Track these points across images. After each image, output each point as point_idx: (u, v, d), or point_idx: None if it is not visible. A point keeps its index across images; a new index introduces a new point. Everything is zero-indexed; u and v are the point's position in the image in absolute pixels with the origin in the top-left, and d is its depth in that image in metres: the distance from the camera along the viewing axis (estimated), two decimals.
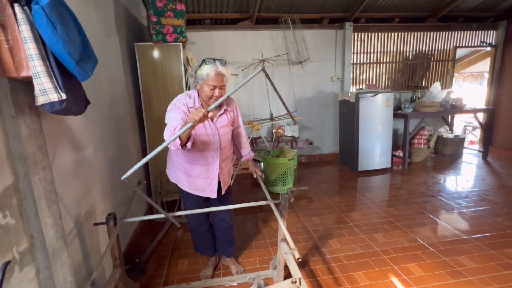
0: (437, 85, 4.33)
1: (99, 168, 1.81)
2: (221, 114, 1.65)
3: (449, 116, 5.02)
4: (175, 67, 2.69)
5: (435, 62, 4.94)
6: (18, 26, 0.92)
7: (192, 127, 1.23)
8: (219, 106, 1.65)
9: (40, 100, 0.97)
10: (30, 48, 0.93)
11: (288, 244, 1.39)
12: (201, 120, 1.21)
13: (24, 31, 0.92)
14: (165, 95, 2.71)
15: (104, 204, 1.84)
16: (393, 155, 4.32)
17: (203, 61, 1.53)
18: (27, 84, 1.06)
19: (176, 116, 1.48)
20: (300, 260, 1.21)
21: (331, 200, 3.13)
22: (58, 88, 1.00)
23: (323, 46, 4.40)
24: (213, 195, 1.70)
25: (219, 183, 1.73)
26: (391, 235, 2.37)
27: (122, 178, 1.05)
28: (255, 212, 2.89)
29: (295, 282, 1.27)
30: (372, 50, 4.70)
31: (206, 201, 1.84)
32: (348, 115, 4.16)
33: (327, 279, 1.86)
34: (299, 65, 4.32)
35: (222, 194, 1.80)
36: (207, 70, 1.49)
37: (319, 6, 4.06)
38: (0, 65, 0.94)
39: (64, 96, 1.00)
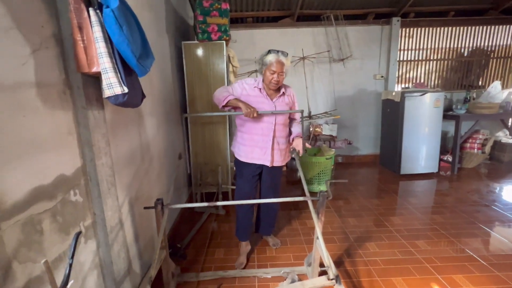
0: (496, 84, 3.93)
1: (149, 158, 1.97)
2: (280, 96, 1.93)
3: (510, 119, 4.52)
4: (218, 64, 2.79)
5: (495, 59, 4.48)
6: (91, 27, 1.04)
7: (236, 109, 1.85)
8: (278, 89, 1.93)
9: (107, 93, 1.09)
10: (100, 47, 1.05)
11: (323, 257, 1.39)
12: (248, 114, 1.75)
13: (96, 32, 1.04)
14: (207, 92, 2.83)
15: (152, 190, 1.99)
16: (440, 160, 4.02)
17: (269, 51, 1.84)
18: (95, 79, 1.20)
19: (236, 87, 1.92)
20: (332, 279, 1.23)
21: (369, 203, 3.03)
22: (122, 83, 1.11)
23: (367, 43, 4.23)
24: (268, 163, 1.96)
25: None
26: (435, 243, 2.23)
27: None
28: (289, 210, 2.90)
29: (332, 279, 1.27)
30: (421, 47, 4.40)
31: (257, 181, 2.09)
32: (392, 115, 3.95)
33: (363, 282, 1.82)
34: (341, 63, 4.20)
35: (277, 172, 2.07)
36: (270, 58, 1.80)
37: (364, 1, 3.91)
38: (76, 62, 1.07)
39: (126, 90, 1.11)
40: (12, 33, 0.86)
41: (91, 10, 1.04)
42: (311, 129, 4.26)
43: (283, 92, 1.93)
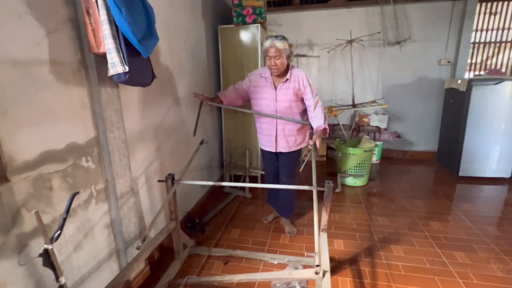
0: None
1: (175, 137, 2.11)
2: (283, 82, 1.90)
3: None
4: (252, 48, 2.78)
5: None
6: (98, 11, 1.15)
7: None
8: (284, 74, 1.90)
9: (111, 71, 1.20)
10: (105, 29, 1.15)
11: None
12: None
13: (102, 15, 1.14)
14: (241, 76, 2.85)
15: (177, 167, 2.14)
16: None
17: (266, 38, 1.83)
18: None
19: (246, 80, 2.03)
20: (318, 267, 1.17)
21: (410, 203, 2.71)
22: (124, 62, 1.20)
23: (432, 22, 3.65)
24: (273, 149, 2.04)
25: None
26: (478, 257, 1.90)
27: None
28: (320, 202, 2.78)
29: (318, 273, 1.21)
30: (505, 26, 3.62)
31: (276, 160, 2.16)
32: (455, 107, 3.40)
33: (376, 285, 1.67)
34: (396, 46, 3.74)
35: (288, 158, 2.06)
36: (266, 44, 1.83)
37: None
38: (87, 43, 1.20)
39: (127, 69, 1.20)
40: (26, 17, 1.00)
41: None
42: (357, 119, 3.96)
43: (287, 79, 1.88)
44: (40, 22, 1.05)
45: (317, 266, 1.17)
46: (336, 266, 1.84)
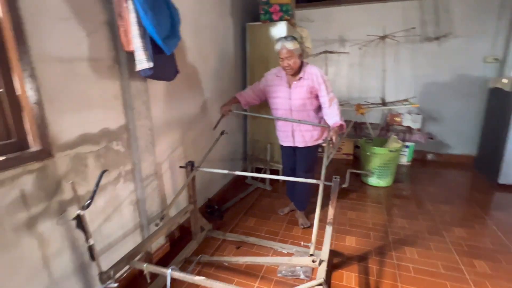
0: None
1: (200, 128, 2.28)
2: (297, 81, 1.94)
3: None
4: None
5: None
6: (128, 14, 1.32)
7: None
8: (298, 73, 1.94)
9: (138, 67, 1.38)
10: (134, 30, 1.32)
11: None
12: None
13: (132, 18, 1.31)
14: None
15: (197, 155, 2.30)
16: None
17: (277, 40, 1.89)
18: None
19: (262, 80, 2.13)
20: (313, 256, 1.23)
21: (434, 208, 2.59)
22: (149, 59, 1.37)
23: (478, 16, 3.37)
24: (291, 144, 2.14)
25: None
26: (502, 268, 1.79)
27: None
28: (339, 199, 2.80)
29: (315, 261, 1.27)
30: None
31: (293, 155, 2.24)
32: (498, 108, 3.13)
33: (382, 283, 1.67)
34: (435, 42, 3.52)
35: (305, 153, 2.13)
36: (277, 46, 1.88)
37: None
38: (120, 42, 1.39)
39: (151, 65, 1.37)
40: (71, 21, 1.20)
41: (129, 0, 1.31)
42: (388, 118, 3.83)
43: (301, 77, 1.92)
44: (82, 25, 1.25)
45: (311, 255, 1.23)
46: (344, 261, 1.87)
